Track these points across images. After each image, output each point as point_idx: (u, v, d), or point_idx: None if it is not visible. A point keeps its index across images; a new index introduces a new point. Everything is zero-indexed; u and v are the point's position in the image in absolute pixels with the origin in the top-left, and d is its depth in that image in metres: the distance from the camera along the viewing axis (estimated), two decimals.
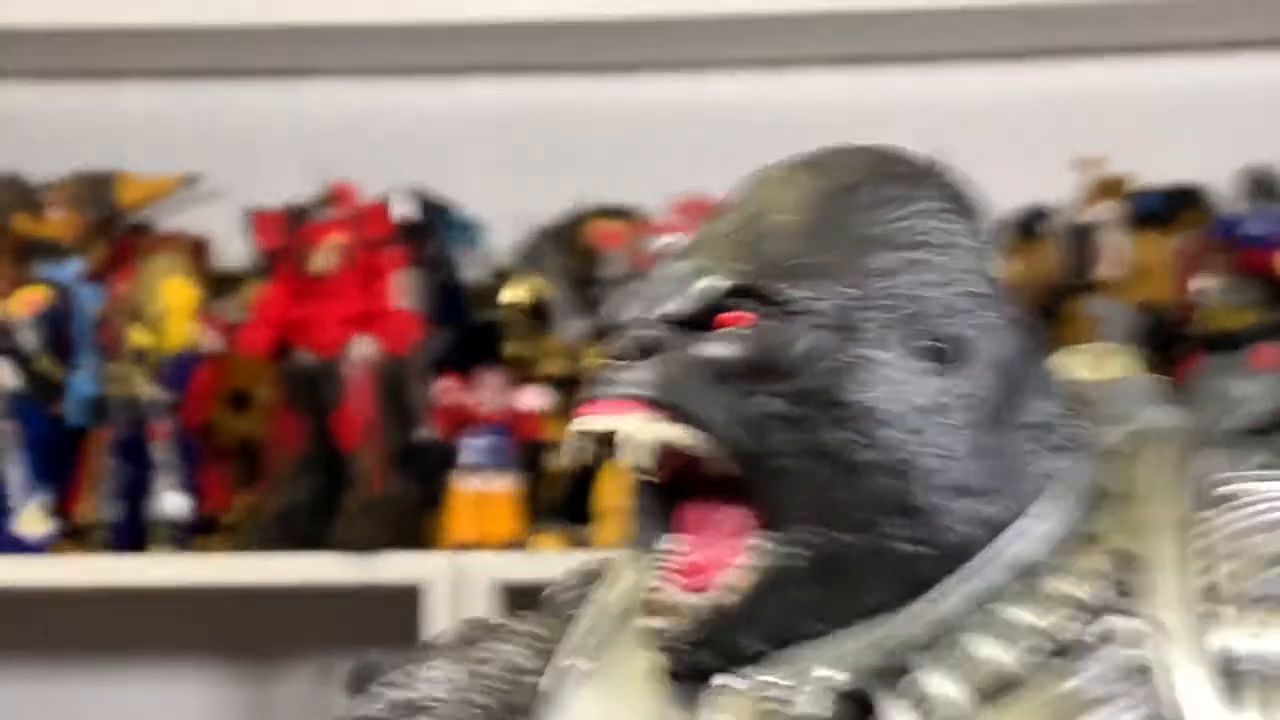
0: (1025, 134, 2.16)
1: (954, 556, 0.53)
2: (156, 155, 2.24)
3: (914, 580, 0.52)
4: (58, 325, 2.06)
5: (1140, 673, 0.50)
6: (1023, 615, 0.52)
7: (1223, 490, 0.54)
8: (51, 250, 2.13)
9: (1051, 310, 2.00)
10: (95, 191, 2.21)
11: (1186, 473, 0.55)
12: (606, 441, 0.54)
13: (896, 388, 0.52)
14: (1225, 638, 0.50)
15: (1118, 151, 2.09)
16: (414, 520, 1.97)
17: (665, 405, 0.52)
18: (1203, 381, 1.91)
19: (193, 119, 2.32)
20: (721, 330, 0.53)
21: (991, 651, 0.52)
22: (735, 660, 0.53)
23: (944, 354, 0.53)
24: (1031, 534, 0.54)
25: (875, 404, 0.52)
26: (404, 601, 1.90)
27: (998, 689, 0.51)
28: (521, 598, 1.82)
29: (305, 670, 2.27)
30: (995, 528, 0.53)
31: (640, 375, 0.53)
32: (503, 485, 1.93)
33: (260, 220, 2.03)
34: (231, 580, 2.01)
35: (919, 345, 0.53)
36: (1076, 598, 0.52)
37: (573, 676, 0.58)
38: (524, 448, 1.97)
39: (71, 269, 2.09)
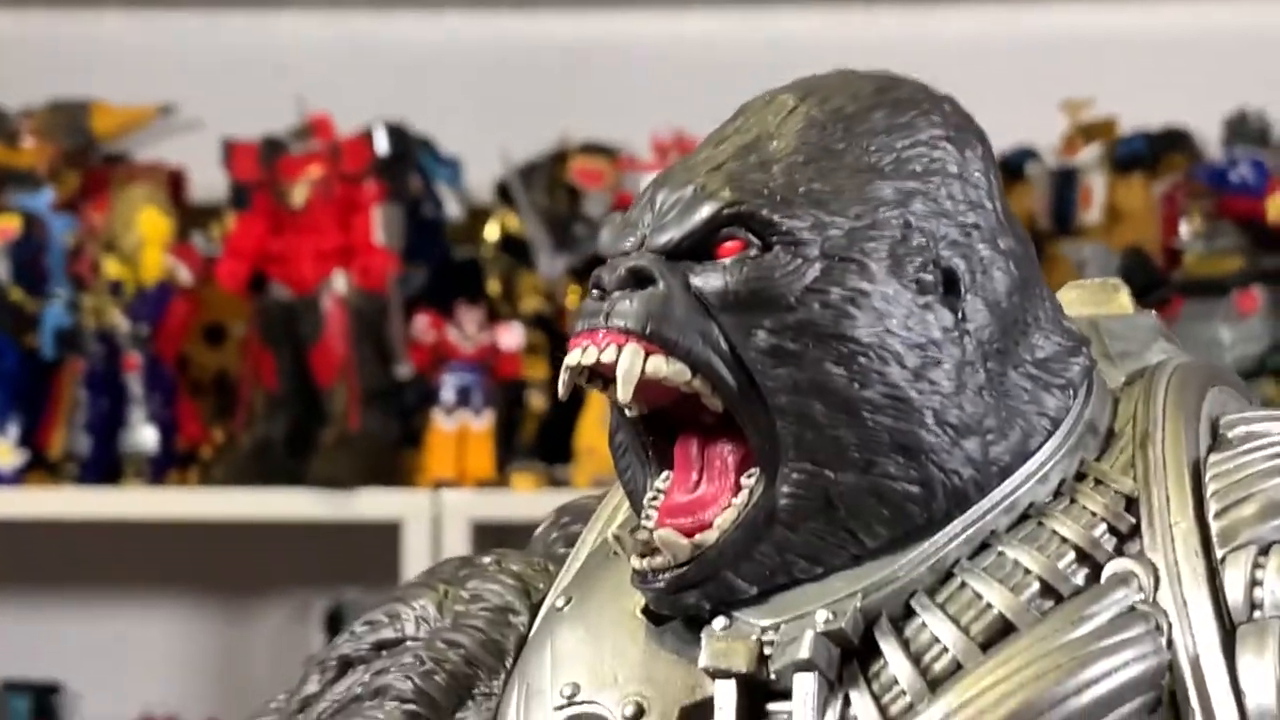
0: (1012, 75, 2.19)
1: (954, 497, 0.51)
2: (132, 85, 2.22)
3: (913, 521, 0.51)
4: (30, 255, 2.08)
5: (1146, 620, 0.49)
6: (1024, 558, 0.50)
7: (1236, 432, 0.52)
8: (24, 179, 2.15)
9: (1038, 248, 2.01)
10: (69, 121, 2.25)
11: (1195, 411, 0.53)
12: (597, 375, 0.51)
13: (898, 323, 0.50)
14: (1239, 582, 0.48)
15: (1104, 94, 2.12)
16: (391, 457, 1.99)
17: (658, 339, 0.50)
18: (1186, 327, 1.88)
19: (169, 49, 2.28)
20: (718, 261, 0.51)
21: (993, 595, 0.50)
22: (727, 602, 0.51)
23: (946, 288, 0.52)
24: (1034, 474, 0.52)
25: (875, 340, 0.50)
26: (381, 538, 1.93)
27: (998, 634, 0.49)
28: (499, 536, 1.80)
29: (281, 606, 2.33)
30: (996, 468, 0.51)
31: (633, 307, 0.50)
32: (481, 423, 1.95)
33: (236, 152, 2.05)
34: (205, 515, 2.04)
35: (921, 278, 0.51)
36: (1080, 541, 0.50)
37: (559, 617, 0.56)
38: (502, 386, 1.98)
39: (44, 198, 2.14)
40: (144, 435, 2.01)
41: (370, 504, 1.94)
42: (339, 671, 0.58)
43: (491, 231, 2.13)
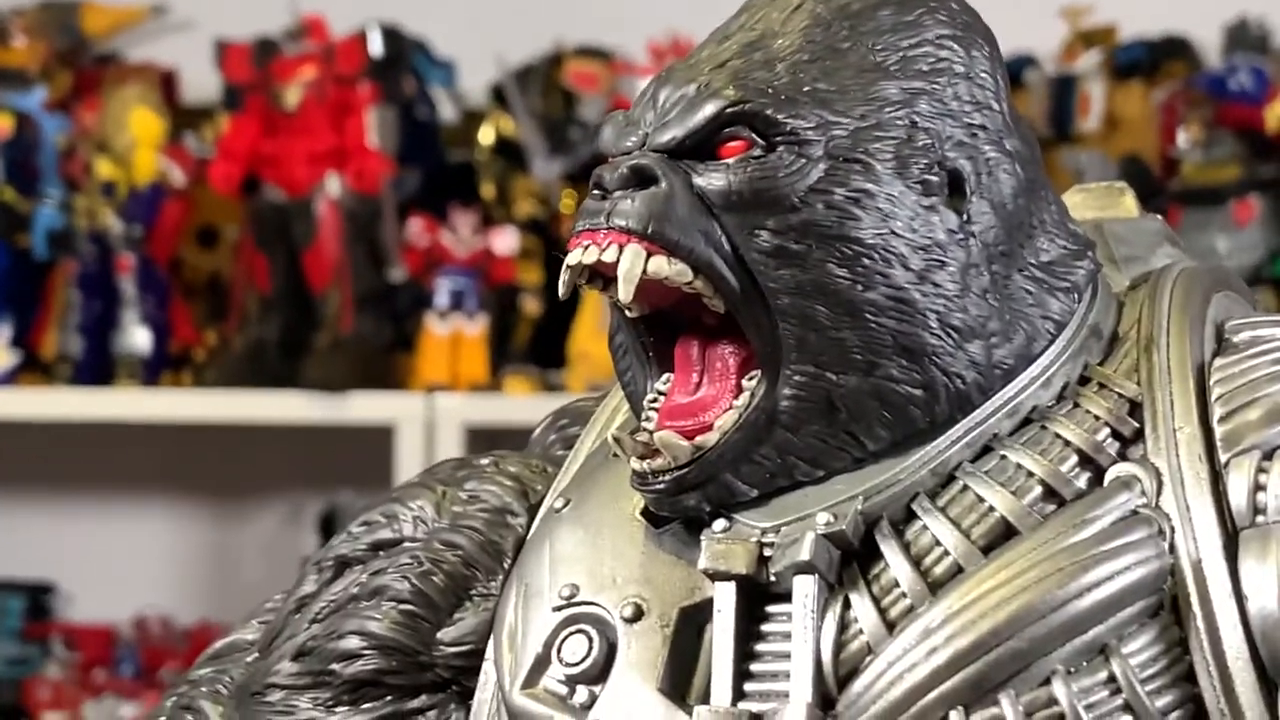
0: None
1: (956, 400, 0.51)
2: None
3: (915, 424, 0.50)
4: (22, 155, 2.06)
5: (1148, 524, 0.48)
6: (1027, 462, 0.50)
7: (1241, 336, 0.52)
8: (16, 79, 2.13)
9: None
10: (60, 19, 2.25)
11: (1201, 316, 0.53)
12: (598, 275, 0.51)
13: (902, 224, 0.50)
14: (1242, 487, 0.48)
15: (1104, 1, 2.08)
16: (384, 361, 1.99)
17: (660, 238, 0.49)
18: (1183, 236, 1.85)
19: None
20: (721, 160, 0.50)
21: (995, 499, 0.49)
22: (726, 504, 0.51)
23: (951, 189, 0.51)
24: (1037, 378, 0.52)
25: (880, 241, 0.49)
26: (375, 441, 1.93)
27: (999, 538, 0.49)
28: (492, 440, 1.75)
29: (275, 509, 2.33)
30: (999, 371, 0.51)
31: (635, 206, 0.49)
32: (474, 328, 1.95)
33: (229, 53, 2.03)
34: (198, 417, 2.05)
35: (926, 179, 0.50)
36: (1083, 445, 0.50)
37: (558, 518, 0.56)
38: (496, 290, 1.97)
39: (36, 98, 2.09)
40: (137, 337, 2.02)
41: (363, 407, 1.94)
42: (336, 572, 0.58)
43: (486, 135, 2.11)
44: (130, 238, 2.02)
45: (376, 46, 2.01)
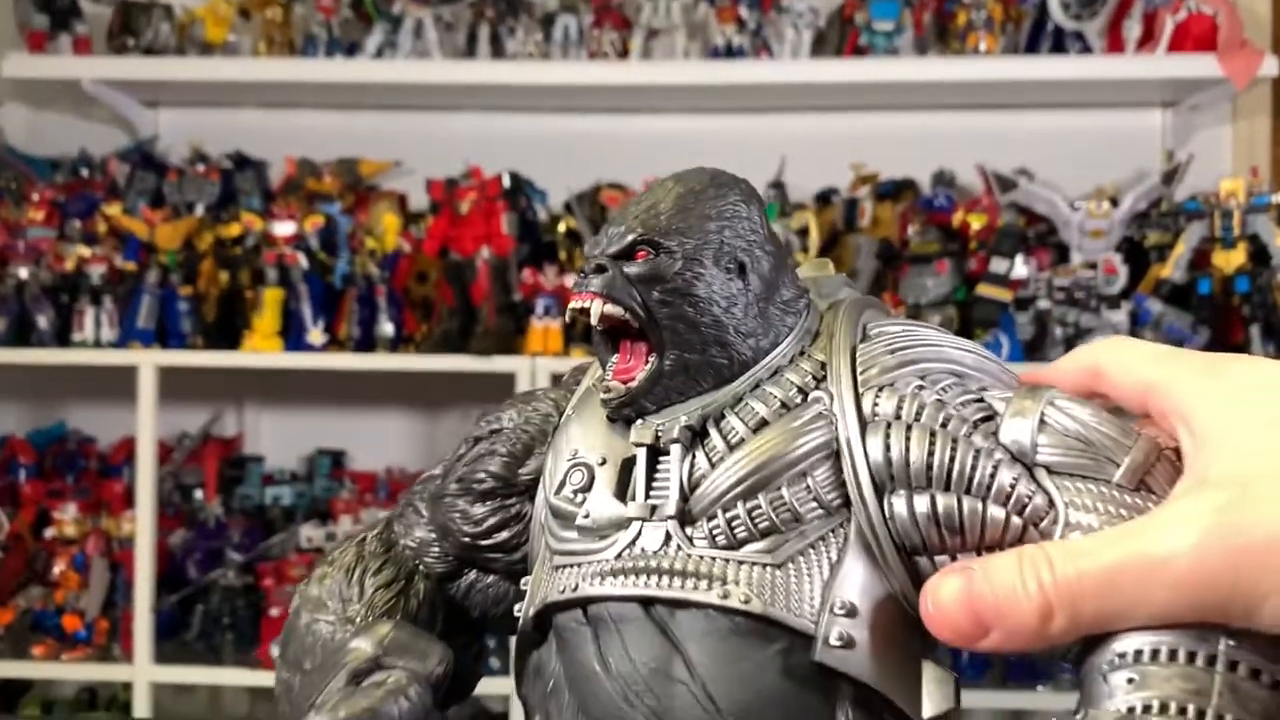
0: (826, 153, 2.32)
1: (743, 366, 0.51)
2: (380, 152, 2.40)
3: (724, 377, 0.51)
4: (328, 236, 2.19)
5: (824, 417, 0.48)
6: (773, 391, 0.50)
7: (872, 331, 0.52)
8: (325, 198, 2.25)
9: (833, 242, 2.23)
10: (348, 167, 2.35)
11: (856, 322, 0.52)
12: (583, 312, 0.51)
13: (718, 287, 0.51)
14: (866, 402, 0.48)
15: (873, 162, 2.30)
16: (511, 341, 2.11)
17: (609, 296, 0.50)
18: (911, 279, 2.13)
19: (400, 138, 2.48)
20: (635, 259, 0.51)
21: (758, 407, 0.49)
22: (642, 413, 0.51)
23: (740, 271, 0.52)
24: (780, 354, 0.51)
25: (707, 295, 0.50)
26: (505, 382, 2.04)
27: (760, 425, 0.49)
28: (532, 393, 1.92)
29: (456, 412, 2.52)
30: (763, 351, 0.51)
31: (597, 281, 0.51)
32: (556, 324, 2.09)
33: (433, 185, 2.23)
34: (417, 368, 2.14)
35: (729, 266, 0.51)
36: (799, 382, 0.50)
37: (570, 419, 0.55)
38: (566, 306, 1.95)
39: (335, 207, 2.21)
40: (386, 327, 2.15)
41: (500, 364, 2.06)
42: (473, 443, 0.56)
43: (561, 227, 2.27)
44: (382, 278, 2.16)
45: (506, 181, 2.19)
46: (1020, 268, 2.06)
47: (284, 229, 2.17)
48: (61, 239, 2.22)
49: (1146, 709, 0.37)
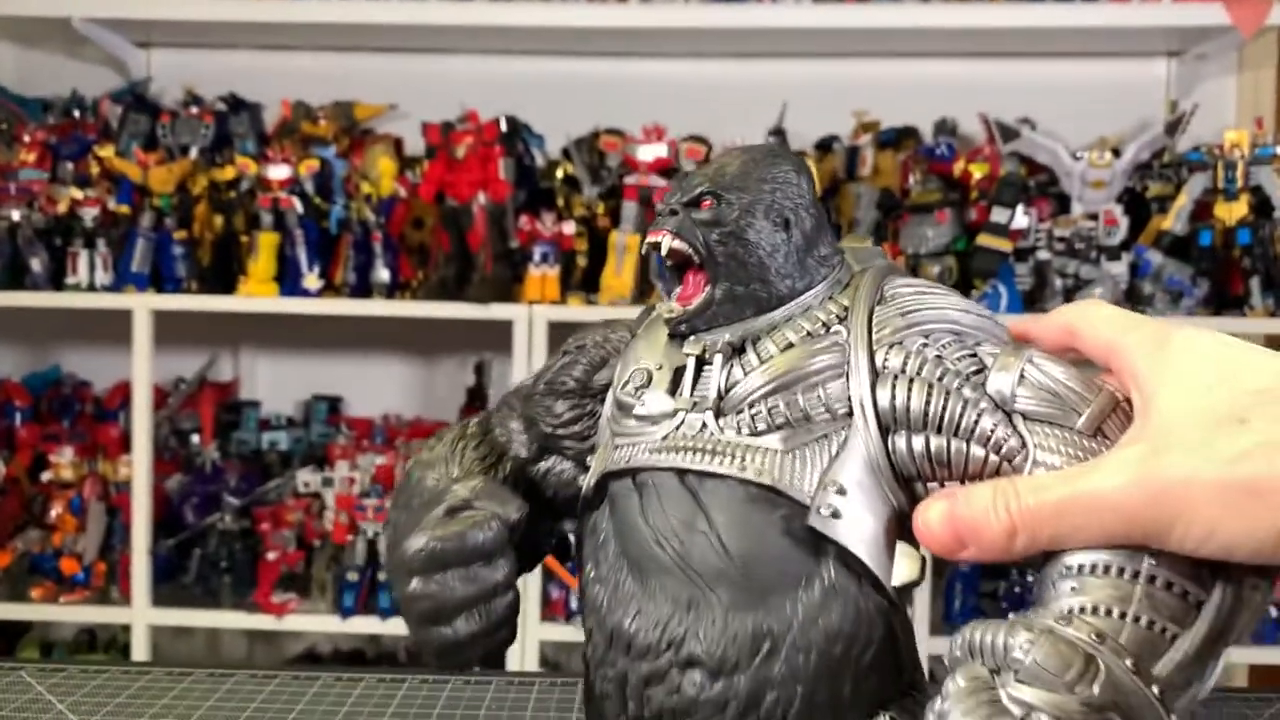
0: (833, 102, 2.32)
1: (780, 300, 0.57)
2: (377, 94, 2.39)
3: (765, 308, 0.57)
4: (323, 180, 2.17)
5: (839, 346, 0.54)
6: (802, 323, 0.56)
7: (888, 293, 0.57)
8: (320, 141, 2.23)
9: (834, 190, 2.22)
10: (343, 110, 2.34)
11: (878, 284, 0.58)
12: (656, 246, 0.58)
13: (765, 236, 0.57)
14: (878, 358, 0.53)
15: (874, 109, 2.29)
16: (508, 288, 2.10)
17: (678, 234, 0.57)
18: (911, 229, 2.11)
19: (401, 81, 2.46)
20: (702, 208, 0.58)
21: (789, 334, 0.56)
22: (695, 330, 0.58)
23: (785, 225, 0.58)
24: (813, 294, 0.58)
25: (756, 240, 0.57)
26: (502, 329, 2.06)
27: (788, 347, 0.55)
28: (563, 330, 1.93)
29: (453, 360, 2.53)
30: (798, 291, 0.58)
31: (671, 222, 0.57)
32: (553, 271, 2.09)
33: (429, 129, 2.18)
34: (415, 314, 2.10)
35: (775, 220, 0.58)
36: (824, 318, 0.56)
37: (638, 338, 0.61)
38: (564, 253, 2.09)
39: (330, 151, 2.20)
40: (382, 273, 2.14)
41: (497, 312, 2.05)
42: (562, 355, 0.64)
43: (559, 173, 2.24)
44: (378, 223, 2.14)
45: (504, 126, 2.15)
46: (1021, 218, 2.04)
47: (279, 173, 2.14)
48: (54, 181, 2.21)
49: (1082, 610, 0.46)
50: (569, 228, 2.14)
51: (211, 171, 2.20)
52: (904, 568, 0.53)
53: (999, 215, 2.02)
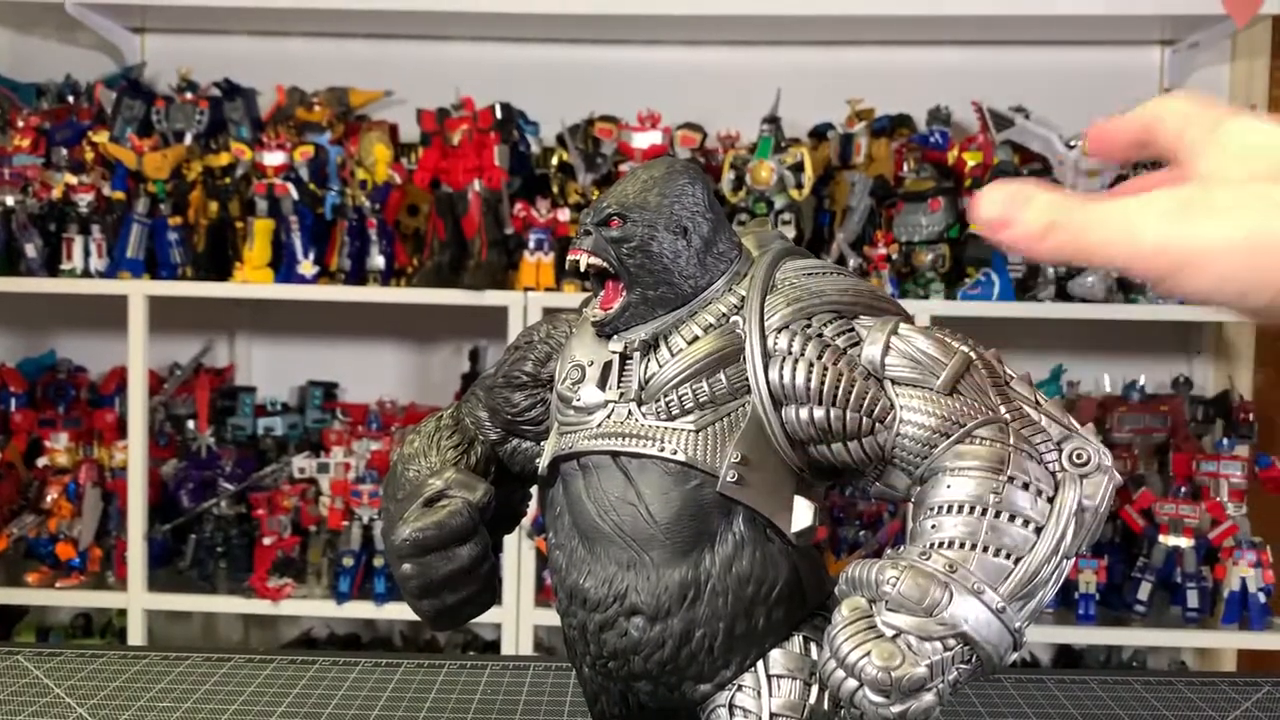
0: (827, 88, 2.30)
1: (685, 298, 0.65)
2: (370, 81, 2.38)
3: (672, 306, 0.65)
4: (318, 167, 2.18)
5: (736, 334, 0.63)
6: (706, 316, 0.64)
7: (778, 278, 0.65)
8: (315, 127, 2.23)
9: (828, 178, 2.20)
10: (338, 96, 2.33)
11: (771, 271, 0.65)
12: (575, 264, 0.66)
13: (667, 245, 0.64)
14: (770, 341, 0.62)
15: (869, 97, 2.29)
16: (503, 275, 2.11)
17: (593, 251, 0.65)
18: (905, 216, 2.13)
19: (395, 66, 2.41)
20: (611, 226, 0.65)
21: (694, 328, 0.64)
22: (617, 331, 0.65)
23: (683, 232, 0.65)
24: (715, 290, 0.65)
25: (658, 250, 0.64)
26: (497, 315, 2.06)
27: (694, 339, 0.63)
28: (554, 313, 1.92)
29: (448, 346, 2.53)
30: (701, 288, 0.65)
31: (587, 241, 0.65)
32: (547, 258, 2.10)
33: (424, 115, 2.17)
34: (410, 300, 2.11)
35: (675, 229, 0.65)
36: (725, 310, 0.64)
37: (574, 335, 0.69)
38: (558, 239, 2.10)
39: (325, 137, 2.20)
40: (377, 260, 2.14)
41: (492, 298, 2.04)
42: (515, 350, 0.72)
43: (554, 160, 2.24)
44: (373, 209, 2.14)
45: (499, 113, 2.15)
46: None
47: (274, 159, 2.15)
48: (48, 167, 2.21)
49: (939, 545, 0.55)
50: (564, 214, 2.14)
51: (206, 157, 2.21)
52: (801, 517, 0.62)
53: None
